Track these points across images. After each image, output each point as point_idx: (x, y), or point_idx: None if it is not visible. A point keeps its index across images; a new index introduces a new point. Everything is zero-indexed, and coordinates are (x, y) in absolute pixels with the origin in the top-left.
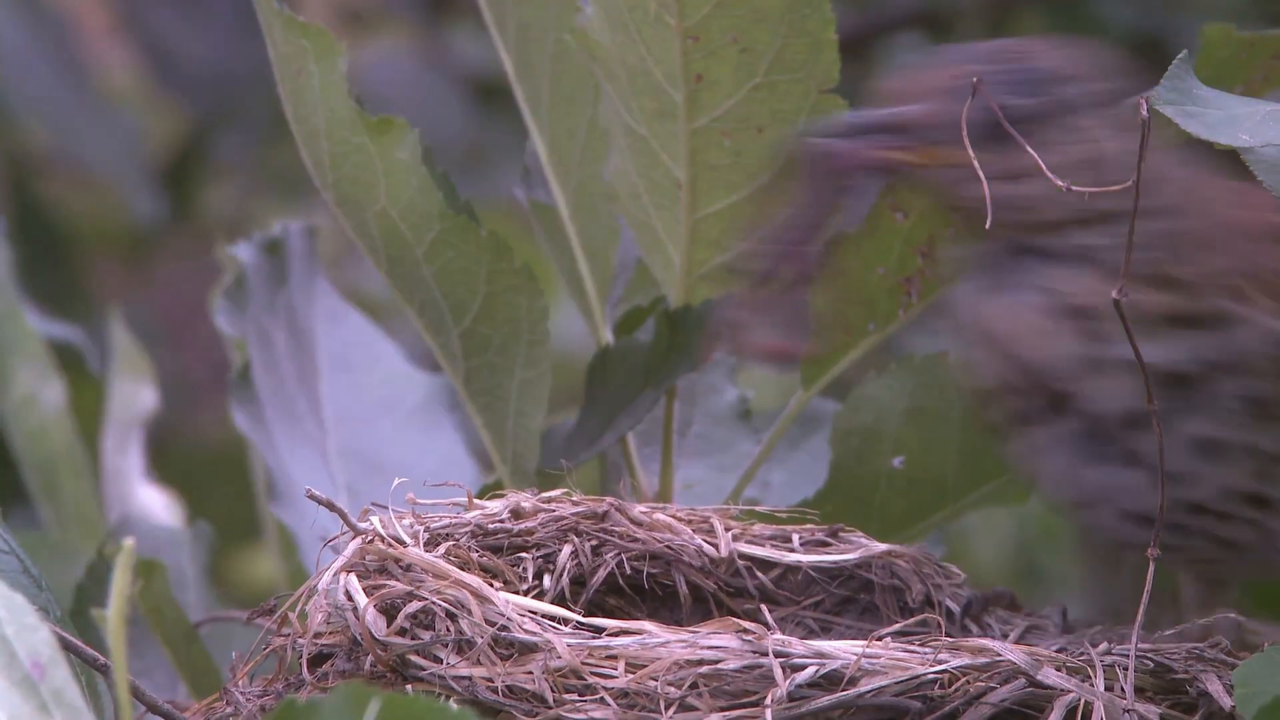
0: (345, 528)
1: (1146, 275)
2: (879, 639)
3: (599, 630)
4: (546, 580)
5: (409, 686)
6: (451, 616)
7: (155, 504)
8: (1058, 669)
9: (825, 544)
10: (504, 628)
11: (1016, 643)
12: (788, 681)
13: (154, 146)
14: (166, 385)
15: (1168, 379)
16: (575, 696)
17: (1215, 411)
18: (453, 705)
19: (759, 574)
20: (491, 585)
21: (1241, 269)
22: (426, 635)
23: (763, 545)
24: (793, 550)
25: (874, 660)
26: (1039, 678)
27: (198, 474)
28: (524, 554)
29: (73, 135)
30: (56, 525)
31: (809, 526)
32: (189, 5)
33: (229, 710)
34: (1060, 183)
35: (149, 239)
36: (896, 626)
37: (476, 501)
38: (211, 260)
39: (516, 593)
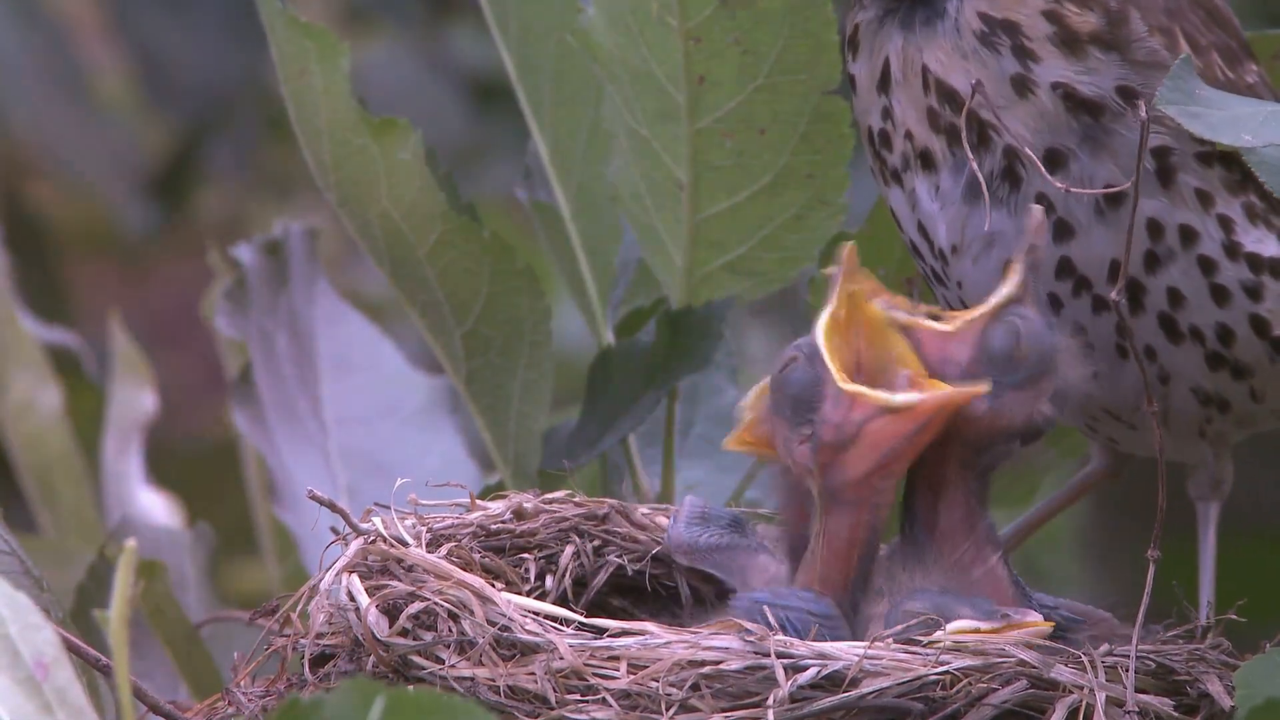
0: (347, 528)
1: None
2: (881, 640)
3: (601, 631)
4: (549, 581)
5: (411, 687)
6: (454, 617)
7: (156, 506)
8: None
9: None
10: (506, 628)
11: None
12: (790, 682)
13: (147, 150)
14: (161, 388)
15: (1086, 104)
16: (577, 697)
17: (1118, 157)
18: (457, 700)
19: None
20: (494, 586)
21: (1171, 9)
22: (429, 636)
23: None
24: None
25: (876, 661)
26: (1051, 676)
27: (192, 476)
28: (526, 555)
29: (64, 145)
30: (54, 529)
31: None
32: (180, 11)
33: (231, 710)
34: (1059, 184)
35: (142, 244)
36: (899, 628)
37: (479, 502)
38: (205, 264)
39: (519, 593)
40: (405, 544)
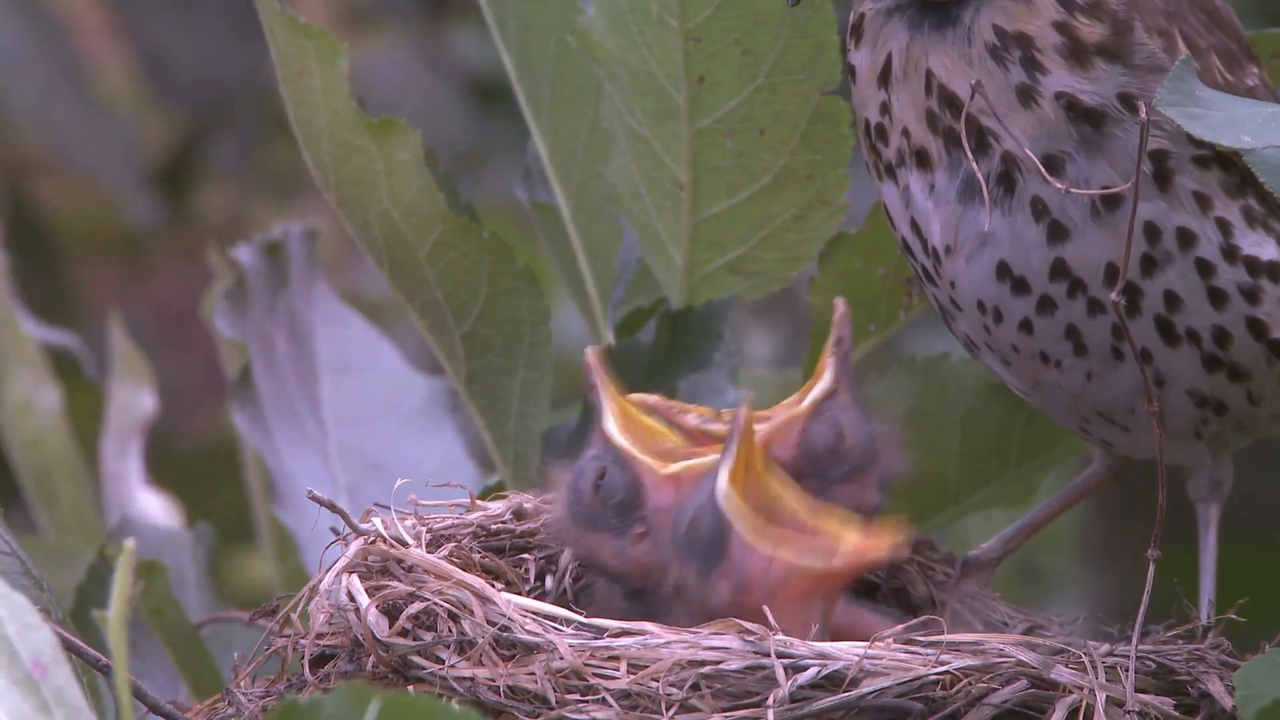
0: (347, 528)
1: (1086, 5)
2: (881, 640)
3: (601, 631)
4: (549, 581)
5: (411, 687)
6: (454, 617)
7: (155, 507)
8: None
9: None
10: (506, 628)
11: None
12: (790, 682)
13: (149, 150)
14: (160, 388)
15: (1087, 113)
16: (577, 697)
17: (1115, 159)
18: (453, 705)
19: None
20: (494, 586)
21: (1170, 12)
22: (428, 636)
23: None
24: None
25: (876, 661)
26: (1051, 676)
27: (192, 476)
28: (526, 555)
29: (70, 138)
30: (53, 529)
31: None
32: (183, 10)
33: (231, 711)
34: (1059, 185)
35: (144, 242)
36: (900, 628)
37: (479, 502)
38: (205, 264)
39: (519, 593)
40: (405, 544)
